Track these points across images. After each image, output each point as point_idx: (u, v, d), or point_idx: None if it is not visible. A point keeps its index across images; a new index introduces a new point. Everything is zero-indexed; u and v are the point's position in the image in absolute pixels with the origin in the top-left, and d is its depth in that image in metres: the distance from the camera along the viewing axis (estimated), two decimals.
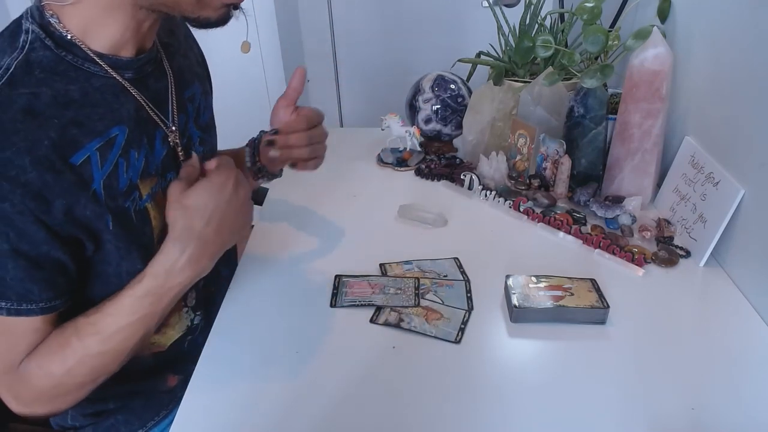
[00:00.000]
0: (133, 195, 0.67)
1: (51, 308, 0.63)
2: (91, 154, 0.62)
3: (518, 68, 1.21)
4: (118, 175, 0.65)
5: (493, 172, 1.12)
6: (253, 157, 0.90)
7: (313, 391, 0.68)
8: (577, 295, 0.79)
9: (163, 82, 0.74)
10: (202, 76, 0.87)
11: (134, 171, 0.67)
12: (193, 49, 0.87)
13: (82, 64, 0.63)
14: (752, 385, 0.68)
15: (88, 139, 0.62)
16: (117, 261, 0.67)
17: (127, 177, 0.66)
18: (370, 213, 1.07)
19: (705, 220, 0.89)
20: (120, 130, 0.65)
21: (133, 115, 0.67)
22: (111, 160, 0.64)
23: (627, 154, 1.01)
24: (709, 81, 0.95)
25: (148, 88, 0.70)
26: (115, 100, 0.65)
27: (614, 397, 0.66)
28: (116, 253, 0.67)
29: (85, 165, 0.62)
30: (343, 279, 0.86)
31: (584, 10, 1.00)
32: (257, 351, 0.75)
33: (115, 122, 0.65)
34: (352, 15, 2.29)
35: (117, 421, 0.82)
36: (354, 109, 2.49)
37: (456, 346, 0.74)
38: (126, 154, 0.66)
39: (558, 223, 0.98)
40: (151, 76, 0.71)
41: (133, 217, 0.68)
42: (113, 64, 0.65)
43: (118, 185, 0.65)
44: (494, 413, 0.65)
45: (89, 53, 0.63)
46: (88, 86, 0.63)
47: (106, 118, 0.64)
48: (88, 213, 0.62)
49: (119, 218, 0.66)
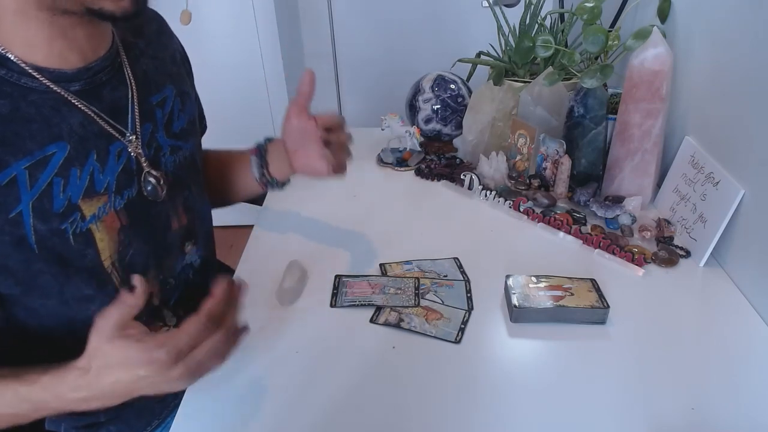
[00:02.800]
0: (73, 216, 0.62)
1: None
2: (18, 173, 0.58)
3: (518, 68, 1.21)
4: (52, 195, 0.60)
5: (493, 172, 1.12)
6: (261, 168, 0.86)
7: (313, 391, 0.68)
8: (577, 295, 0.79)
9: (122, 90, 0.68)
10: (178, 76, 0.80)
11: (74, 190, 0.62)
12: (167, 47, 0.80)
13: (17, 80, 0.58)
14: (752, 385, 0.68)
15: (14, 158, 0.57)
16: (57, 288, 0.63)
17: (64, 197, 0.61)
18: (370, 213, 1.07)
19: (705, 220, 0.89)
20: (58, 147, 0.60)
21: (78, 130, 0.62)
22: (43, 179, 0.59)
23: (627, 154, 1.01)
24: (709, 81, 0.95)
25: (102, 98, 0.65)
26: (54, 115, 0.60)
27: (614, 397, 0.66)
28: (53, 280, 0.63)
29: (10, 185, 0.57)
30: (343, 279, 0.86)
31: (584, 10, 1.00)
32: (257, 351, 0.75)
33: (52, 139, 0.60)
34: (352, 15, 2.29)
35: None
36: (354, 109, 2.49)
37: (456, 346, 0.74)
38: (64, 173, 0.61)
39: (558, 223, 0.98)
40: (106, 86, 0.66)
41: (71, 239, 0.62)
42: (55, 77, 0.60)
43: (52, 207, 0.60)
44: (494, 413, 0.65)
45: (25, 67, 0.58)
46: (21, 102, 0.58)
47: (41, 134, 0.59)
48: (6, 237, 0.58)
49: (51, 241, 0.61)
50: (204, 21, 2.00)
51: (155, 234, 0.74)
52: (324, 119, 0.77)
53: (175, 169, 0.76)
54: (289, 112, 0.77)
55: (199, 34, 2.02)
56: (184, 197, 0.78)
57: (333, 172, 0.78)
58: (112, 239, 0.67)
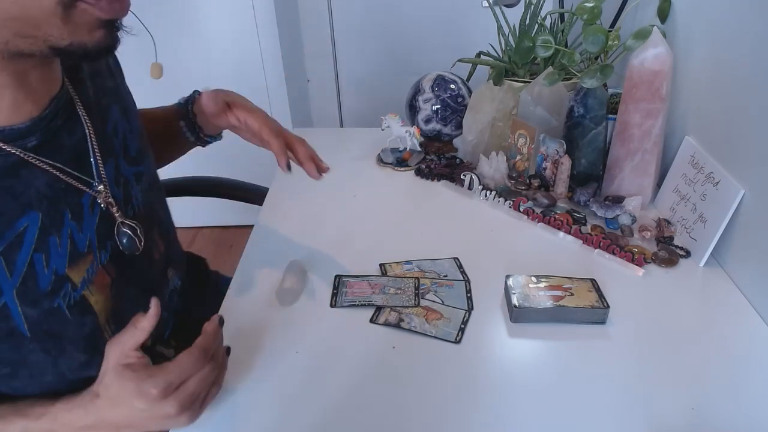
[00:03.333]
0: (64, 289, 0.56)
1: None
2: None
3: (518, 68, 1.21)
4: (37, 275, 0.53)
5: (493, 172, 1.12)
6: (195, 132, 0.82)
7: (313, 391, 0.68)
8: (577, 295, 0.79)
9: (80, 130, 0.59)
10: (115, 90, 0.70)
11: (58, 261, 0.55)
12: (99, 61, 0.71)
13: None
14: (752, 385, 0.68)
15: None
16: (51, 364, 0.58)
17: (49, 272, 0.54)
18: (370, 213, 1.07)
19: (705, 220, 0.89)
20: (30, 220, 0.53)
21: (46, 193, 0.54)
22: (22, 260, 0.52)
23: (627, 154, 1.01)
24: (709, 81, 0.95)
25: (63, 148, 0.57)
26: (17, 183, 0.52)
27: (614, 397, 0.66)
28: (47, 358, 0.57)
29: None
30: (343, 279, 0.86)
31: (584, 10, 1.00)
32: (257, 351, 0.75)
33: (20, 212, 0.52)
34: (352, 15, 2.29)
35: None
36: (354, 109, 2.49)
37: (456, 346, 0.74)
38: (43, 246, 0.54)
39: (558, 223, 0.98)
40: (63, 131, 0.57)
41: (67, 313, 0.57)
42: (8, 137, 0.51)
43: (38, 288, 0.54)
44: (494, 413, 0.65)
45: None
46: None
47: (7, 211, 0.51)
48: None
49: (46, 322, 0.55)
50: (204, 21, 2.00)
51: (143, 274, 0.70)
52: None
53: (144, 198, 0.70)
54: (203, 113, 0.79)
55: (199, 35, 2.02)
56: (158, 222, 0.75)
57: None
58: (106, 297, 0.61)
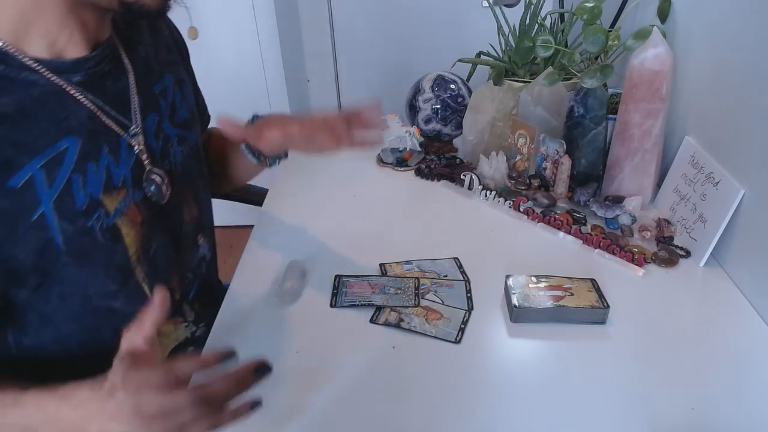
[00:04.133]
0: (97, 212, 0.60)
1: None
2: (34, 173, 0.55)
3: (518, 68, 1.21)
4: (73, 192, 0.58)
5: (493, 172, 1.12)
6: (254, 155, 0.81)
7: (314, 391, 0.68)
8: (577, 295, 0.79)
9: (124, 80, 0.66)
10: (175, 63, 0.78)
11: (94, 186, 0.60)
12: (162, 33, 0.78)
13: (17, 75, 0.56)
14: (752, 385, 0.68)
15: (27, 158, 0.55)
16: (82, 284, 0.61)
17: (85, 194, 0.59)
18: (370, 213, 1.07)
19: (705, 220, 0.89)
20: (70, 142, 0.58)
21: (86, 124, 0.60)
22: (61, 177, 0.57)
23: (627, 154, 1.01)
24: (709, 81, 0.95)
25: (106, 90, 0.63)
26: (61, 110, 0.58)
27: (614, 397, 0.66)
28: (78, 276, 0.60)
29: (27, 186, 0.55)
30: (343, 279, 0.86)
31: (584, 10, 1.00)
32: (257, 351, 0.75)
33: (62, 134, 0.58)
34: (352, 15, 2.28)
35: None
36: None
37: (456, 346, 0.74)
38: (81, 168, 0.59)
39: (558, 223, 0.98)
40: (108, 76, 0.64)
41: (99, 236, 0.61)
42: (56, 68, 0.58)
43: (75, 204, 0.58)
44: (494, 413, 0.65)
45: (25, 60, 0.56)
46: (25, 98, 0.56)
47: (51, 131, 0.57)
48: (31, 243, 0.56)
49: (80, 240, 0.59)
50: (204, 21, 2.00)
51: (172, 226, 0.73)
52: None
53: (183, 160, 0.75)
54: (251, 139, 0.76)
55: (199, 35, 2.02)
56: (193, 188, 0.78)
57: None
58: (137, 233, 0.65)
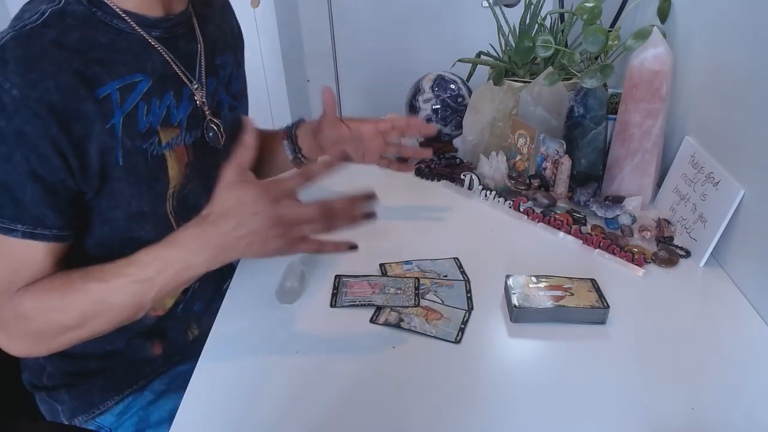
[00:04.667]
0: (152, 139, 0.71)
1: (62, 237, 0.66)
2: (112, 92, 0.66)
3: (518, 68, 1.20)
4: (138, 116, 0.69)
5: (493, 172, 1.12)
6: (294, 152, 0.95)
7: (313, 391, 0.68)
8: (577, 295, 0.79)
9: (193, 45, 0.77)
10: (235, 48, 0.89)
11: (155, 117, 0.71)
12: (229, 21, 0.90)
13: (111, 21, 0.67)
14: (752, 385, 0.68)
15: (110, 78, 0.65)
16: (127, 200, 0.70)
17: (147, 120, 0.70)
18: None
19: (705, 220, 0.89)
20: (143, 78, 0.69)
21: (158, 69, 0.71)
22: (131, 101, 0.68)
23: (627, 154, 1.01)
24: (709, 81, 0.95)
25: (178, 48, 0.74)
26: (141, 52, 0.69)
27: (614, 397, 0.66)
28: (126, 192, 0.70)
29: (106, 100, 0.65)
30: (343, 279, 0.86)
31: (584, 10, 1.00)
32: (257, 351, 0.75)
33: (138, 69, 0.69)
34: (352, 15, 2.28)
35: (93, 386, 0.82)
36: (354, 109, 2.49)
37: (456, 346, 0.74)
38: (147, 100, 0.70)
39: (558, 223, 0.98)
40: (181, 38, 0.74)
41: (150, 160, 0.71)
42: (140, 21, 0.69)
43: (137, 126, 0.69)
44: (494, 413, 0.65)
45: (117, 11, 0.67)
46: (115, 37, 0.67)
47: (130, 64, 0.68)
48: (102, 146, 0.65)
49: (134, 158, 0.69)
50: None
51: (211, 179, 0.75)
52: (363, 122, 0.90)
53: (232, 124, 0.83)
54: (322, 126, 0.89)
55: None
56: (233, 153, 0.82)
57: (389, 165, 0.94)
58: (180, 171, 0.75)
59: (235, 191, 0.62)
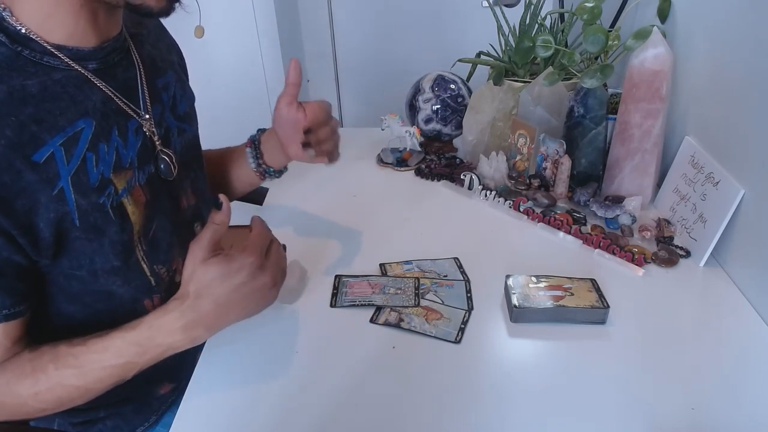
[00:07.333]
0: (108, 190, 0.65)
1: (15, 314, 0.61)
2: (55, 150, 0.59)
3: (518, 68, 1.21)
4: (87, 169, 0.63)
5: (493, 172, 1.12)
6: (257, 159, 0.90)
7: (313, 391, 0.68)
8: (577, 295, 0.79)
9: (132, 71, 0.71)
10: (176, 65, 0.84)
11: (105, 164, 0.64)
12: (164, 39, 0.84)
13: (40, 59, 0.60)
14: (752, 386, 0.68)
15: (50, 135, 0.59)
16: (89, 258, 0.65)
17: (97, 171, 0.64)
18: (370, 213, 1.07)
19: (705, 220, 0.89)
20: (86, 123, 0.63)
21: (100, 107, 0.65)
22: (78, 154, 0.62)
23: (627, 154, 1.01)
24: (709, 81, 0.95)
25: (116, 78, 0.68)
26: (78, 93, 0.63)
27: (614, 397, 0.66)
28: (88, 249, 0.64)
29: (49, 162, 0.59)
30: (343, 279, 0.86)
31: (584, 10, 1.00)
32: (257, 351, 0.75)
33: (79, 115, 0.62)
34: (352, 15, 2.29)
35: (105, 427, 0.81)
36: (354, 109, 2.49)
37: (456, 346, 0.74)
38: (94, 148, 0.63)
39: (558, 223, 0.98)
40: (118, 66, 0.68)
41: (111, 212, 0.65)
42: (74, 55, 0.62)
43: (89, 181, 0.63)
44: (494, 413, 0.65)
45: (47, 46, 0.60)
46: (47, 80, 0.60)
47: (69, 111, 0.61)
48: (52, 215, 0.60)
49: (92, 215, 0.63)
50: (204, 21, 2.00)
51: (171, 211, 0.76)
52: (312, 110, 0.80)
53: (182, 150, 0.78)
54: (279, 103, 0.81)
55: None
56: (191, 178, 0.81)
57: (327, 160, 0.86)
58: (141, 213, 0.69)
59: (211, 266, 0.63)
